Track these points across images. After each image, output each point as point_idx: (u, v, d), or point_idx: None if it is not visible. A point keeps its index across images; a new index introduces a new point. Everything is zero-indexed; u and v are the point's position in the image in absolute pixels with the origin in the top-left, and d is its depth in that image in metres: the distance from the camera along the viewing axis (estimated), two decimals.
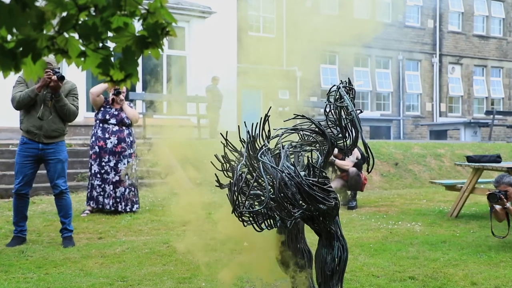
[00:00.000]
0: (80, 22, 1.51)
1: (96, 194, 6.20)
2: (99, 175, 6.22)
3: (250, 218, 2.72)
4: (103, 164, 6.22)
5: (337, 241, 2.88)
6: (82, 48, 1.53)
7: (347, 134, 2.86)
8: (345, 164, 7.13)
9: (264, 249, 3.25)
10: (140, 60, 1.60)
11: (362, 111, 2.94)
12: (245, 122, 2.83)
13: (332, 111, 2.87)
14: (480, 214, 6.55)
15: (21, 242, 4.72)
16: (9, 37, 1.47)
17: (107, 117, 6.29)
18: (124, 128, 6.34)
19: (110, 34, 1.54)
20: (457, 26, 21.67)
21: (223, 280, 3.51)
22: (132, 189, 6.33)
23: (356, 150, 7.01)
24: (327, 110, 2.89)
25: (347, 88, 2.89)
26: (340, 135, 2.88)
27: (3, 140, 9.59)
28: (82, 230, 5.35)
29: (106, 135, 6.25)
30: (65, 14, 1.50)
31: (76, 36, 1.53)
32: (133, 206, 6.31)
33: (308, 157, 2.83)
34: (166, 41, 1.65)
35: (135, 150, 6.51)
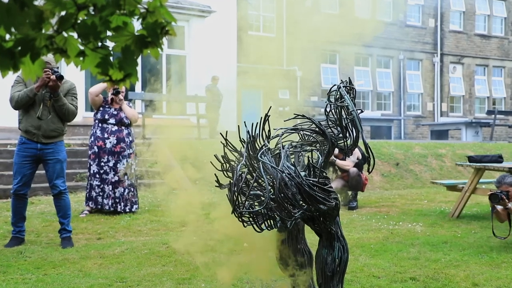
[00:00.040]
0: (79, 21, 1.50)
1: (95, 194, 6.18)
2: (98, 175, 6.19)
3: (250, 219, 2.71)
4: (102, 164, 6.20)
5: (337, 241, 2.86)
6: (81, 47, 1.52)
7: (348, 134, 2.85)
8: (345, 164, 7.11)
9: (263, 248, 3.24)
10: (139, 59, 1.59)
11: (362, 111, 2.93)
12: (245, 122, 2.82)
13: (332, 111, 2.86)
14: (481, 215, 6.54)
15: (19, 242, 4.70)
16: (7, 36, 1.46)
17: (106, 117, 6.27)
18: (123, 128, 6.32)
19: (109, 33, 1.53)
20: (458, 25, 21.57)
21: (223, 281, 3.49)
22: (131, 189, 6.31)
23: (356, 150, 7.00)
24: (328, 110, 2.88)
25: (348, 87, 2.88)
26: (340, 135, 2.87)
27: (1, 140, 9.55)
28: (81, 230, 5.33)
29: (105, 135, 6.23)
30: (64, 13, 1.50)
31: (75, 35, 1.52)
32: (132, 206, 6.29)
33: (308, 157, 2.81)
34: (165, 40, 1.65)
35: (134, 150, 6.49)
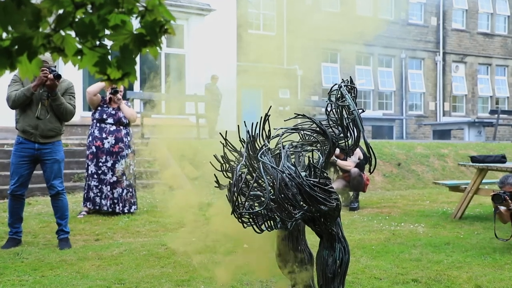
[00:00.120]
0: (76, 20, 1.49)
1: (93, 195, 6.14)
2: (96, 176, 6.15)
3: (250, 220, 2.68)
4: (100, 164, 6.16)
5: (338, 242, 2.84)
6: (79, 46, 1.51)
7: (349, 134, 2.83)
8: (347, 164, 7.07)
9: (261, 246, 3.21)
10: (138, 58, 1.57)
11: (364, 111, 2.91)
12: (244, 122, 2.80)
13: (333, 111, 2.84)
14: (484, 216, 6.51)
15: (16, 244, 4.66)
16: (4, 34, 1.45)
17: (104, 116, 6.23)
18: (121, 127, 6.28)
19: (107, 32, 1.53)
20: (461, 24, 21.45)
21: (222, 282, 3.47)
22: (129, 190, 6.27)
23: (358, 150, 6.96)
24: (329, 109, 2.85)
25: (349, 87, 2.86)
26: (341, 135, 2.84)
27: None
28: (79, 231, 5.30)
29: (103, 135, 6.19)
30: (61, 11, 1.49)
31: (72, 34, 1.51)
32: (130, 207, 6.25)
33: (309, 157, 2.79)
34: (164, 39, 1.63)
35: (133, 149, 6.45)
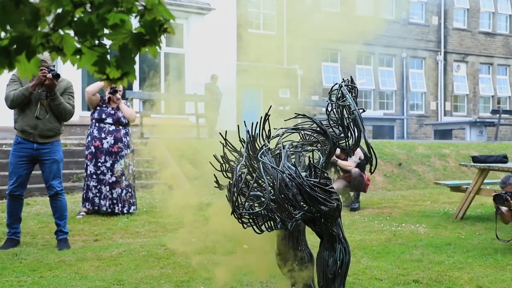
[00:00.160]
0: (75, 19, 1.48)
1: (92, 195, 6.12)
2: (95, 176, 6.13)
3: (250, 220, 2.67)
4: (99, 164, 6.14)
5: (339, 243, 2.83)
6: (78, 45, 1.50)
7: (349, 134, 2.82)
8: (347, 164, 7.05)
9: (261, 246, 3.20)
10: (137, 57, 1.56)
11: (364, 110, 2.90)
12: (244, 122, 2.78)
13: (334, 110, 2.82)
14: (486, 216, 6.49)
15: (14, 244, 4.64)
16: (2, 34, 1.44)
17: (104, 116, 6.21)
18: (120, 127, 6.26)
19: (106, 31, 1.52)
20: (462, 23, 21.34)
21: (222, 282, 3.45)
22: (129, 190, 6.25)
23: (358, 150, 6.93)
24: (329, 109, 2.84)
25: (349, 86, 2.85)
26: (342, 135, 2.83)
27: None
28: (78, 232, 5.28)
29: (102, 135, 6.17)
30: (60, 10, 1.49)
31: (71, 33, 1.50)
32: (130, 207, 6.23)
33: (309, 157, 2.77)
34: (164, 38, 1.62)
35: (132, 149, 6.43)
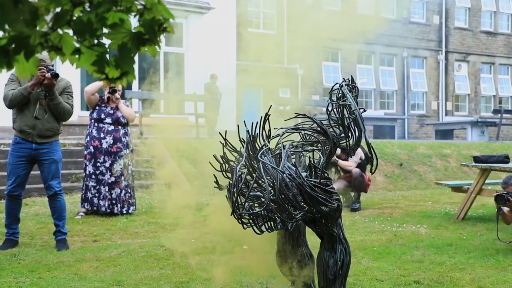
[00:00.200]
0: (74, 18, 1.48)
1: (90, 195, 6.10)
2: (94, 176, 6.11)
3: (250, 220, 2.65)
4: (98, 164, 6.12)
5: (339, 244, 2.82)
6: (77, 45, 1.50)
7: (350, 134, 2.81)
8: (348, 164, 7.03)
9: (261, 246, 3.19)
10: (136, 57, 1.55)
11: (365, 110, 2.89)
12: (244, 122, 2.78)
13: (334, 110, 2.81)
14: (487, 217, 6.48)
15: (13, 245, 4.62)
16: (1, 33, 1.44)
17: (102, 116, 6.19)
18: (120, 127, 6.24)
19: (105, 30, 1.51)
20: (463, 22, 21.27)
21: (222, 283, 3.44)
22: (128, 190, 6.23)
23: (359, 150, 6.91)
24: (329, 108, 2.83)
25: (350, 86, 2.84)
26: (342, 135, 2.82)
27: None
28: (76, 232, 5.26)
29: (101, 135, 6.15)
30: (59, 9, 1.48)
31: (70, 32, 1.49)
32: (129, 208, 6.21)
33: (309, 157, 2.76)
34: (163, 37, 1.61)
35: (132, 149, 6.41)
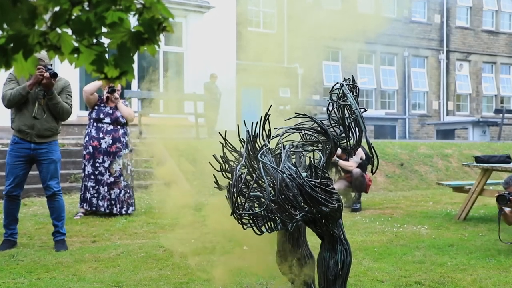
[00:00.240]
0: (73, 17, 1.47)
1: (89, 196, 6.08)
2: (93, 176, 6.09)
3: (250, 221, 2.64)
4: (97, 164, 6.10)
5: (340, 244, 2.81)
6: (76, 44, 1.50)
7: (351, 134, 2.80)
8: (348, 164, 7.01)
9: (260, 246, 3.18)
10: (135, 56, 1.53)
11: (366, 110, 2.89)
12: (244, 121, 2.77)
13: (335, 110, 2.80)
14: (489, 217, 6.46)
15: (11, 245, 4.61)
16: None
17: (102, 116, 6.17)
18: (119, 127, 6.22)
19: (104, 29, 1.51)
20: (465, 21, 21.20)
21: (221, 284, 3.43)
22: (127, 190, 6.21)
23: (360, 150, 6.90)
24: (330, 108, 2.82)
25: (351, 85, 2.83)
26: (343, 135, 2.81)
27: None
28: (75, 233, 5.25)
29: (101, 135, 6.13)
30: (57, 9, 1.47)
31: (69, 31, 1.48)
32: (128, 208, 6.19)
33: (310, 157, 2.75)
34: (162, 37, 1.60)
35: (131, 149, 6.39)
